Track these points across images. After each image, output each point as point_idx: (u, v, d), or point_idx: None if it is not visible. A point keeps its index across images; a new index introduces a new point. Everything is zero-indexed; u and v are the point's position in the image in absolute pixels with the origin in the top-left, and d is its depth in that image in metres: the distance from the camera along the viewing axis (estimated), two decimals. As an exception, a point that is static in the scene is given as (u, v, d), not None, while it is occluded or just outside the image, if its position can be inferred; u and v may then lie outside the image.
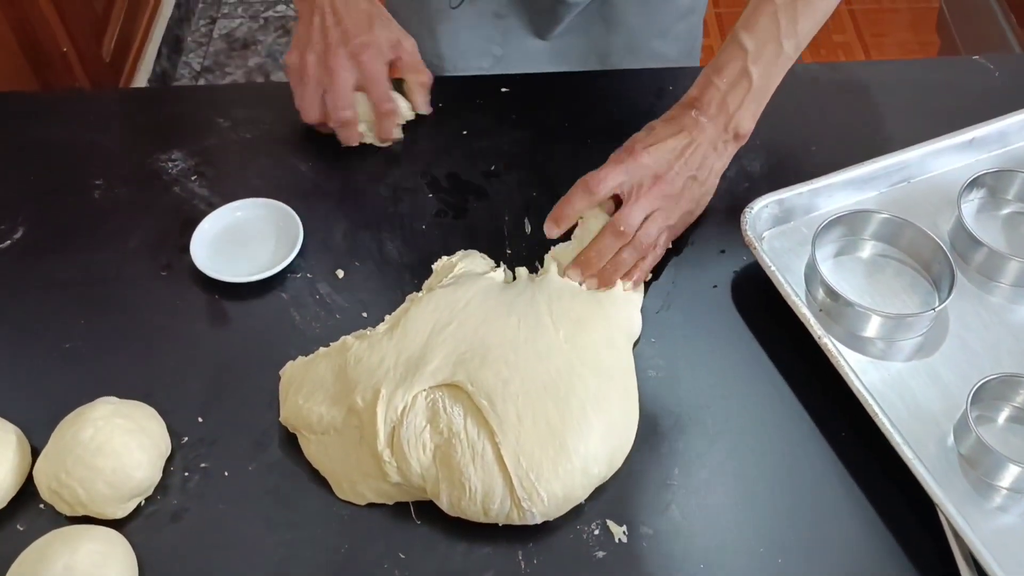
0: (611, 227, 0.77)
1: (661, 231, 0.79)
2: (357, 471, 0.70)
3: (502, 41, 1.05)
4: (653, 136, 0.79)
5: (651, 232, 0.78)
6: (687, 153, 0.78)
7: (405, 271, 0.85)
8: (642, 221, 0.78)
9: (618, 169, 0.77)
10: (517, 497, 0.66)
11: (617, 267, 0.78)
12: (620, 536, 0.69)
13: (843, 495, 0.71)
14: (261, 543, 0.69)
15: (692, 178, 0.79)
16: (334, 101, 0.89)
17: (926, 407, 0.72)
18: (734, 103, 0.79)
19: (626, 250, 0.77)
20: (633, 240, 0.77)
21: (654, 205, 0.78)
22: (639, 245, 0.78)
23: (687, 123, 0.79)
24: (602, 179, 0.77)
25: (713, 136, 0.79)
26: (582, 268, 0.78)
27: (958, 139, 0.86)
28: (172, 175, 0.93)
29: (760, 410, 0.75)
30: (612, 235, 0.77)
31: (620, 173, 0.77)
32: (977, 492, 0.68)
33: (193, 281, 0.84)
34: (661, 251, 0.81)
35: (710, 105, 0.79)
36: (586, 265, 0.78)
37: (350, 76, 0.89)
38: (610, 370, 0.73)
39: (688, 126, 0.79)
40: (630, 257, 0.78)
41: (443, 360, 0.70)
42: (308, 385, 0.73)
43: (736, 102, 0.79)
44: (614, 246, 0.77)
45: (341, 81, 0.88)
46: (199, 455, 0.74)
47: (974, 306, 0.78)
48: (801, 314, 0.74)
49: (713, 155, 0.80)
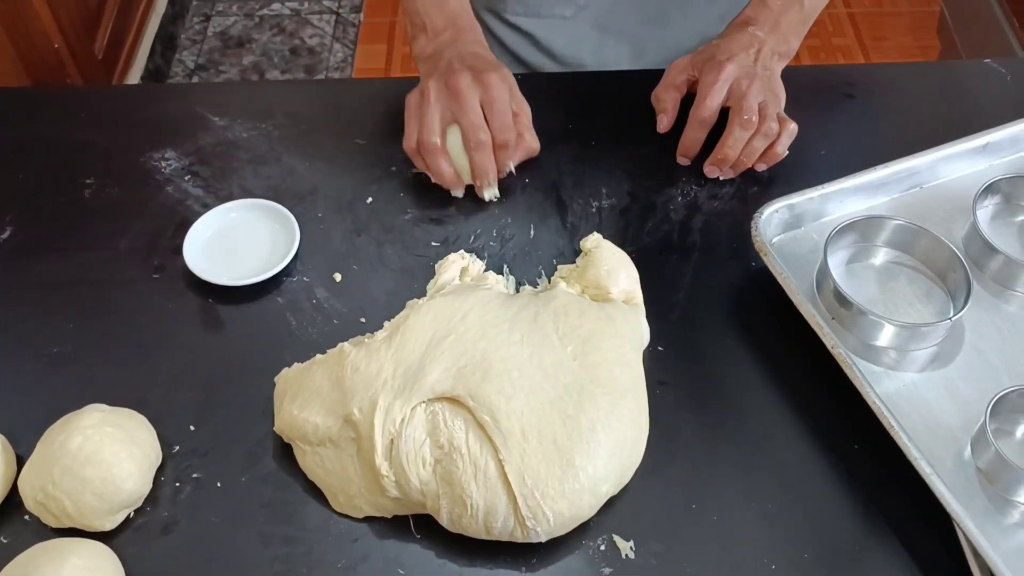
0: (737, 121, 0.84)
1: (775, 115, 0.85)
2: (354, 484, 0.68)
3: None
4: (724, 51, 0.87)
5: (770, 116, 0.85)
6: (759, 57, 0.87)
7: (404, 275, 0.82)
8: (758, 108, 0.85)
9: (715, 87, 0.85)
10: (521, 516, 0.64)
11: (751, 155, 0.86)
12: (627, 552, 0.67)
13: (857, 510, 0.69)
14: (255, 557, 0.67)
15: (771, 72, 0.88)
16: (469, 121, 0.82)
17: (942, 420, 0.70)
18: (786, 24, 0.89)
19: (756, 139, 0.85)
20: (760, 128, 0.84)
21: (760, 96, 0.85)
22: (767, 132, 0.85)
23: (746, 38, 0.88)
24: (708, 105, 0.85)
25: (771, 47, 0.88)
26: (719, 164, 0.87)
27: (971, 144, 0.84)
28: (165, 175, 0.90)
29: (771, 421, 0.73)
30: (740, 127, 0.84)
31: (720, 89, 0.85)
32: (995, 508, 0.66)
33: (186, 284, 0.82)
34: (794, 125, 0.86)
35: (764, 24, 0.88)
36: (723, 160, 0.86)
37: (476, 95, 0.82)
38: (622, 387, 0.70)
39: (749, 40, 0.88)
40: (760, 144, 0.85)
41: (442, 373, 0.68)
42: (304, 394, 0.70)
43: (788, 23, 0.89)
44: (744, 136, 0.85)
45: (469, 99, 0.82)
46: (191, 465, 0.71)
47: (990, 315, 0.76)
48: (814, 323, 0.72)
49: (773, 61, 0.88)
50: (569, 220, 0.87)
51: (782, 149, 0.87)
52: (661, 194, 0.88)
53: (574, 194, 0.88)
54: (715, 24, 1.03)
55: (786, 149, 0.87)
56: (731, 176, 0.89)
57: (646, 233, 0.85)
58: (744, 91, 0.85)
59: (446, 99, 0.83)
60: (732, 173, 0.88)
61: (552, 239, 0.85)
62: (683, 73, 0.91)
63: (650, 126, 0.93)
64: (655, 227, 0.86)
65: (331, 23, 2.54)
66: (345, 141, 0.93)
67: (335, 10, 2.57)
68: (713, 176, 0.88)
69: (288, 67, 2.43)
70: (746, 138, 0.85)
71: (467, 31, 0.88)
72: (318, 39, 2.50)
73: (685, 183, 0.89)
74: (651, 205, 0.87)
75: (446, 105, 0.83)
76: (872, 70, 1.07)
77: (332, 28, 2.52)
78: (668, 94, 0.91)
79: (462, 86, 0.82)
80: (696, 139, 0.88)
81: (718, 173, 0.88)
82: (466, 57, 0.84)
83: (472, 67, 0.83)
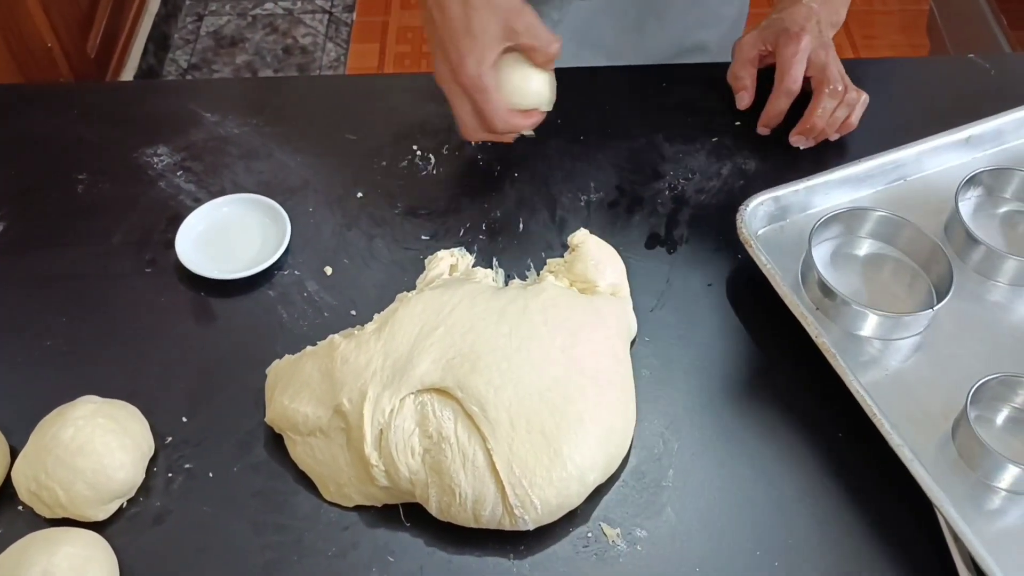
0: (825, 90, 0.87)
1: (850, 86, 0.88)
2: (344, 474, 0.68)
3: (559, 5, 1.04)
4: (792, 22, 0.89)
5: (851, 85, 0.88)
6: (821, 28, 0.89)
7: (395, 268, 0.83)
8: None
9: (796, 57, 0.87)
10: (509, 504, 0.65)
11: (834, 124, 0.88)
12: (614, 539, 0.68)
13: (840, 496, 0.70)
14: (246, 546, 0.68)
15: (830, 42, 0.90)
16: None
17: (924, 407, 0.71)
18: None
19: (840, 108, 0.88)
20: (844, 97, 0.87)
21: (838, 63, 0.88)
22: (850, 101, 0.88)
23: (804, 10, 0.89)
24: (794, 76, 0.87)
25: (826, 18, 0.90)
26: (807, 133, 0.89)
27: (955, 137, 0.85)
28: (158, 170, 0.91)
29: (755, 411, 0.74)
30: (830, 97, 0.87)
31: (801, 60, 0.87)
32: (976, 494, 0.67)
33: (179, 278, 0.82)
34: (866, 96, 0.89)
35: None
36: (812, 129, 0.89)
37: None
38: (608, 377, 0.71)
39: (807, 12, 0.89)
40: (843, 113, 0.88)
41: (431, 364, 0.68)
42: (294, 385, 0.71)
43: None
44: (832, 105, 0.87)
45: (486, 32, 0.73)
46: (183, 456, 0.72)
47: (972, 305, 0.77)
48: (798, 313, 0.73)
49: (828, 30, 0.90)
50: (558, 214, 0.87)
51: (855, 119, 0.89)
52: (648, 188, 0.89)
53: (563, 188, 0.89)
54: (693, 30, 1.05)
55: (856, 122, 0.90)
56: (811, 145, 0.91)
57: (633, 226, 0.86)
58: (825, 61, 0.88)
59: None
60: (813, 143, 0.91)
61: (541, 233, 0.86)
62: (754, 48, 0.92)
63: (636, 121, 0.94)
64: (642, 220, 0.87)
65: (324, 22, 2.54)
66: (336, 136, 0.94)
67: (328, 9, 2.58)
68: (798, 145, 0.91)
69: (281, 66, 2.43)
70: (833, 106, 0.88)
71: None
72: (311, 38, 2.50)
73: (673, 177, 0.90)
74: (638, 199, 0.88)
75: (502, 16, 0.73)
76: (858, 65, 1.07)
77: (325, 27, 2.53)
78: (745, 70, 0.92)
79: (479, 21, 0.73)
80: (781, 110, 0.90)
81: (804, 143, 0.91)
82: None
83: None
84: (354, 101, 0.97)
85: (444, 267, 0.81)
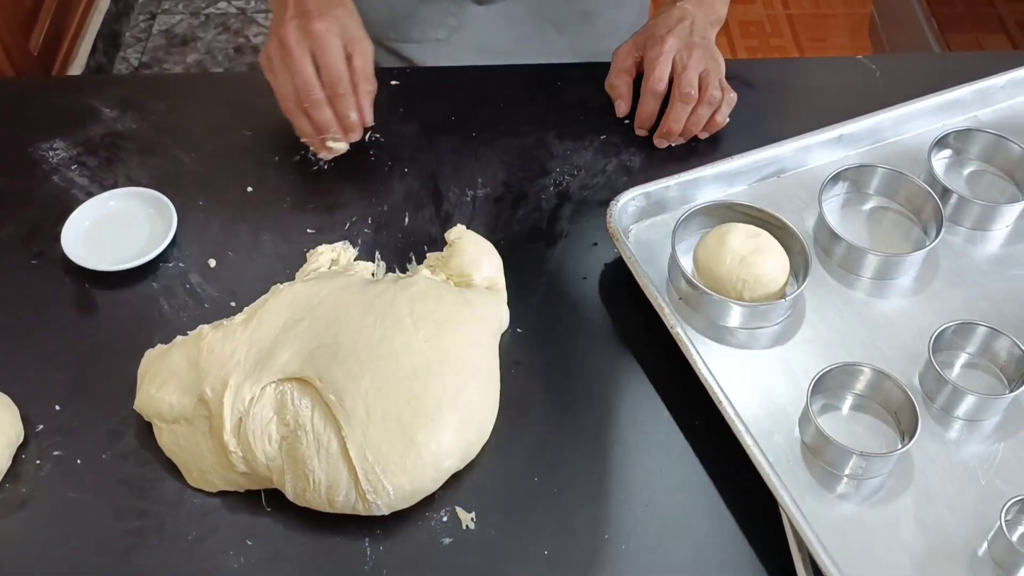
0: (678, 95, 0.89)
1: (718, 83, 0.90)
2: (207, 460, 0.70)
3: (456, 11, 1.05)
4: (662, 26, 0.92)
5: (712, 84, 0.89)
6: (694, 27, 0.91)
7: (279, 262, 0.85)
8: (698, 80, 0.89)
9: (660, 59, 0.89)
10: (362, 490, 0.66)
11: (697, 123, 0.91)
12: (468, 523, 0.69)
13: (694, 484, 0.72)
14: (108, 531, 0.69)
15: (707, 40, 0.92)
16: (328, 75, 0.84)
17: (777, 397, 0.73)
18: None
19: (700, 107, 0.90)
20: (703, 97, 0.89)
21: (701, 66, 0.90)
22: (711, 100, 0.89)
23: (678, 12, 0.92)
24: (658, 77, 0.90)
25: (703, 18, 0.93)
26: (666, 137, 0.92)
27: (827, 135, 0.87)
28: (52, 164, 0.92)
29: (619, 400, 0.76)
30: (681, 100, 0.89)
31: (665, 61, 0.90)
32: (820, 483, 0.69)
33: (64, 270, 0.84)
34: (734, 95, 0.91)
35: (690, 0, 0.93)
36: (669, 133, 0.91)
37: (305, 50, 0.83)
38: (471, 367, 0.73)
39: (681, 14, 0.92)
40: (705, 112, 0.90)
41: (293, 354, 0.70)
42: (162, 374, 0.72)
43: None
44: (686, 109, 0.90)
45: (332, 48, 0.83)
46: (53, 443, 0.73)
47: (833, 299, 0.79)
48: (656, 304, 0.75)
49: (707, 30, 0.93)
50: (444, 209, 0.89)
51: (722, 118, 0.92)
52: (535, 184, 0.91)
53: (451, 184, 0.91)
54: (591, 40, 1.06)
55: (726, 118, 0.92)
56: (681, 143, 0.93)
57: (516, 221, 0.88)
58: (684, 64, 0.90)
59: (284, 62, 0.84)
60: (682, 140, 0.93)
61: (425, 227, 0.88)
62: (629, 57, 0.94)
63: (528, 118, 0.96)
64: (526, 215, 0.89)
65: (276, 22, 2.55)
66: (233, 132, 0.95)
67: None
68: (662, 146, 0.93)
69: (232, 65, 2.44)
70: (687, 111, 0.90)
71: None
72: (263, 37, 2.51)
73: (559, 174, 0.92)
74: (523, 194, 0.90)
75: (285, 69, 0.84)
76: (751, 65, 1.10)
77: (277, 26, 2.53)
78: (620, 79, 0.94)
79: (291, 43, 0.83)
80: (651, 111, 0.92)
81: (667, 143, 0.93)
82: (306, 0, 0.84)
83: (304, 11, 0.83)
84: (252, 97, 0.98)
85: (324, 261, 0.82)
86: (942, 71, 0.97)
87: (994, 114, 0.92)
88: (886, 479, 0.69)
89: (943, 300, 0.79)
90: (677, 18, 0.92)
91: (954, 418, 0.72)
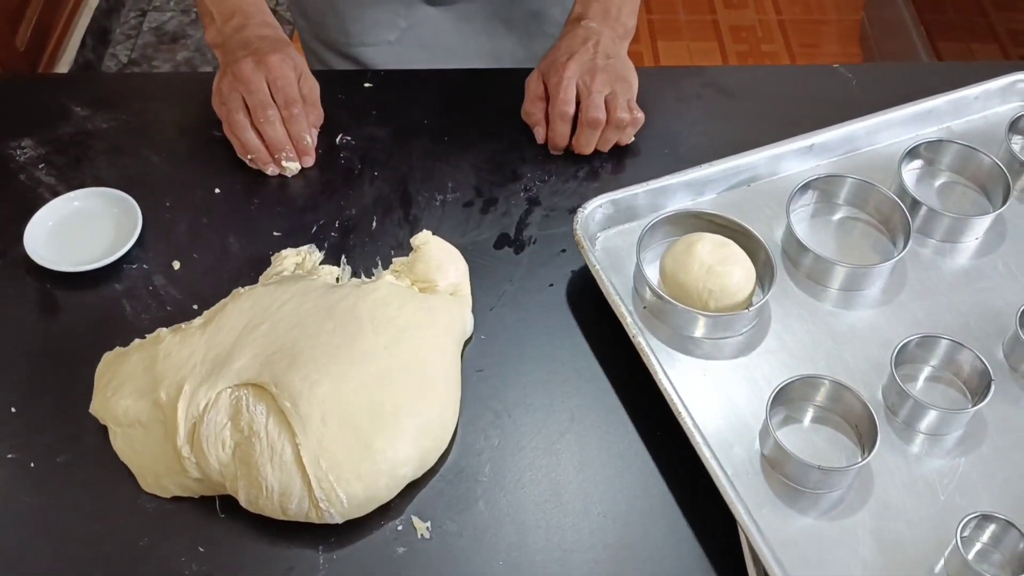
0: (584, 121, 0.89)
1: (626, 105, 0.90)
2: (161, 465, 0.69)
3: (406, 13, 1.05)
4: (564, 51, 0.91)
5: (620, 106, 0.89)
6: (598, 48, 0.91)
7: (244, 265, 0.84)
8: (604, 104, 0.89)
9: (562, 86, 0.89)
10: (315, 498, 0.66)
11: (605, 144, 0.92)
12: (423, 532, 0.69)
13: (655, 496, 0.71)
14: (61, 535, 0.68)
15: (612, 58, 0.91)
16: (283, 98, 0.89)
17: (739, 408, 0.72)
18: (615, 8, 0.93)
19: (608, 131, 0.90)
20: (610, 120, 0.89)
21: (606, 89, 0.89)
22: (618, 123, 0.90)
23: (581, 33, 0.92)
24: (562, 100, 0.89)
25: (609, 35, 0.92)
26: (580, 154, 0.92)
27: (798, 144, 0.86)
28: (19, 163, 0.92)
29: (581, 409, 0.76)
30: (588, 127, 0.89)
31: (567, 87, 0.89)
32: (778, 495, 0.68)
33: (26, 270, 0.83)
34: (640, 115, 0.91)
35: (595, 15, 0.93)
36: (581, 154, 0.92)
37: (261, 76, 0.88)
38: (432, 374, 0.72)
39: (585, 34, 0.92)
40: (613, 135, 0.91)
41: (250, 359, 0.69)
42: (119, 377, 0.72)
43: (617, 7, 0.93)
44: (593, 134, 0.90)
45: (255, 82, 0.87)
46: (7, 447, 0.73)
47: (799, 309, 0.79)
48: (619, 312, 0.75)
49: (615, 46, 0.92)
50: (412, 212, 0.89)
51: (626, 139, 0.92)
52: (505, 189, 0.90)
53: (421, 188, 0.90)
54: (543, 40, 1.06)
55: (631, 138, 0.92)
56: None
57: (485, 226, 0.87)
58: (589, 88, 0.89)
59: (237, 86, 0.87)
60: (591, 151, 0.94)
61: (393, 231, 0.87)
62: (539, 84, 0.93)
63: (502, 123, 0.95)
64: (495, 221, 0.88)
65: (267, 20, 2.54)
66: (203, 134, 0.94)
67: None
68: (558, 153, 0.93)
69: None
70: (595, 135, 0.90)
71: (253, 15, 0.92)
72: (253, 36, 2.50)
73: (530, 179, 0.91)
74: (493, 199, 0.90)
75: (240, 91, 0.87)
76: (725, 72, 1.09)
77: (267, 25, 2.53)
78: (534, 106, 0.93)
79: (246, 71, 0.87)
80: (563, 134, 0.91)
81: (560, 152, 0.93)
82: (252, 42, 0.89)
83: (256, 51, 0.87)
84: (224, 98, 0.98)
85: (289, 264, 0.82)
86: (920, 81, 0.96)
87: (967, 125, 0.91)
88: (845, 493, 0.68)
89: (910, 312, 0.78)
90: (582, 39, 0.91)
91: (916, 432, 0.71)
